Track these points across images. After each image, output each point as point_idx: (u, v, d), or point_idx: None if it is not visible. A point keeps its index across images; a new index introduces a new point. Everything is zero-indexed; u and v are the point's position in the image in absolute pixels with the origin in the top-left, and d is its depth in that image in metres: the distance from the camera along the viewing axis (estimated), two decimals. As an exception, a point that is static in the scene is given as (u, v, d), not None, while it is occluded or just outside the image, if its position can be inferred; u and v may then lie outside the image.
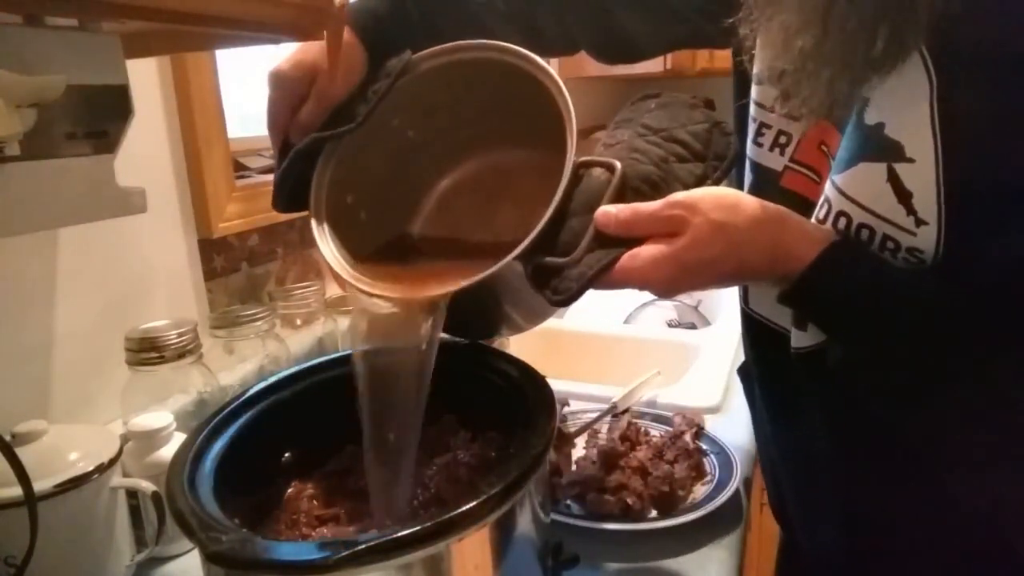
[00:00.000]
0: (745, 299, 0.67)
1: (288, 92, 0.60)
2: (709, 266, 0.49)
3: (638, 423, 0.89)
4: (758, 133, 0.59)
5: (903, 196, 0.47)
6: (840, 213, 0.51)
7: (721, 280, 0.51)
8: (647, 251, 0.49)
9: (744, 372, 0.80)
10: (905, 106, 0.46)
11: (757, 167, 0.60)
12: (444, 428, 0.64)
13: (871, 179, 0.48)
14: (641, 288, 0.50)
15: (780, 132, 0.57)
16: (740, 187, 0.62)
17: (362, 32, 0.62)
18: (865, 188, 0.49)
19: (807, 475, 0.67)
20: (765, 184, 0.59)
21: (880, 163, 0.48)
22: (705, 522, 0.72)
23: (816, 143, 0.55)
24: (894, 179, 0.47)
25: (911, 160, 0.46)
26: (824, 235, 0.49)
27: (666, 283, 0.49)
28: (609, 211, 0.50)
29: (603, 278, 0.50)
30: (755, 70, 0.57)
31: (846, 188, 0.50)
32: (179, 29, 0.57)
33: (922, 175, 0.46)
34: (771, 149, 0.58)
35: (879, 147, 0.48)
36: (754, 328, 0.67)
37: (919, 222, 0.47)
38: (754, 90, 0.58)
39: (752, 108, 0.59)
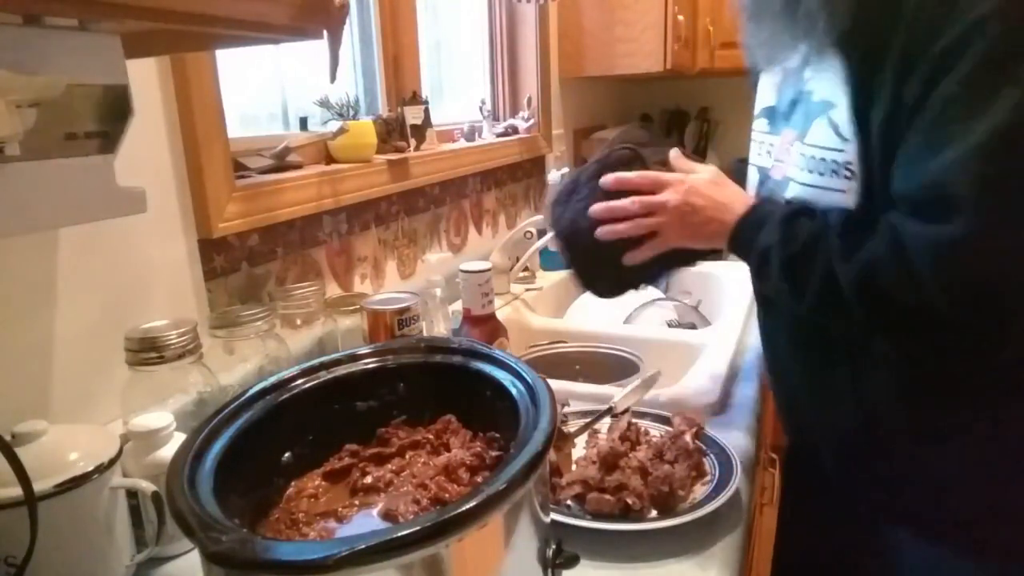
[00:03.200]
0: None
1: None
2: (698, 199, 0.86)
3: (638, 423, 0.89)
4: (757, 148, 0.91)
5: (835, 128, 0.75)
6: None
7: (703, 212, 0.85)
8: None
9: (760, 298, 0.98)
10: (833, 84, 0.76)
11: (757, 167, 0.90)
12: (444, 428, 0.64)
13: (821, 128, 0.77)
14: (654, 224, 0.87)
15: (769, 144, 0.88)
16: (744, 183, 0.92)
17: None
18: (819, 133, 0.77)
19: (821, 359, 0.84)
20: (764, 176, 0.88)
21: (823, 117, 0.76)
22: (705, 522, 0.72)
23: (788, 143, 0.83)
24: (831, 121, 0.75)
25: (835, 104, 0.75)
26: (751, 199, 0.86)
27: (672, 212, 0.86)
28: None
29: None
30: (755, 111, 0.92)
31: (810, 140, 0.78)
32: (179, 29, 0.57)
33: (841, 113, 0.74)
34: (761, 155, 0.90)
35: (822, 107, 0.77)
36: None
37: (844, 140, 0.74)
38: (755, 123, 0.92)
39: (753, 133, 0.92)
